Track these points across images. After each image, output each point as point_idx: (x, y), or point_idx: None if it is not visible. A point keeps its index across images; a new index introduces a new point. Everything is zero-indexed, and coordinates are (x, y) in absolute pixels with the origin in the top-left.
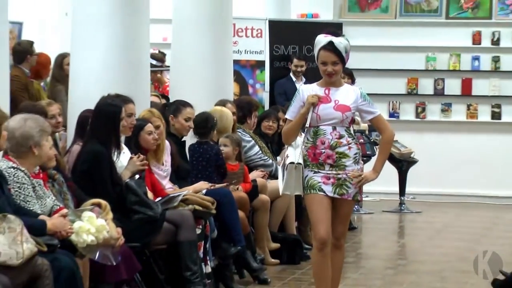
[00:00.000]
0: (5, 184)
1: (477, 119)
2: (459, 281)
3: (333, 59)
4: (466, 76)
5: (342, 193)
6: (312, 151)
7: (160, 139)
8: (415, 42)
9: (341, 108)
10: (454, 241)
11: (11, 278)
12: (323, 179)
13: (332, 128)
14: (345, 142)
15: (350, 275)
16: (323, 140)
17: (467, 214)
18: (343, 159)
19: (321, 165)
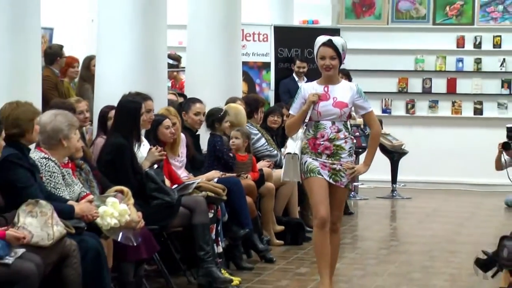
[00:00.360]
0: (37, 173)
1: (461, 114)
2: (447, 260)
3: (331, 54)
4: (451, 76)
5: (337, 180)
6: (313, 141)
7: (176, 134)
8: (405, 46)
9: (339, 104)
10: (441, 224)
11: (43, 258)
12: (321, 166)
13: (331, 123)
14: (342, 136)
15: (347, 254)
16: (322, 133)
17: (453, 200)
18: (339, 151)
19: (319, 154)
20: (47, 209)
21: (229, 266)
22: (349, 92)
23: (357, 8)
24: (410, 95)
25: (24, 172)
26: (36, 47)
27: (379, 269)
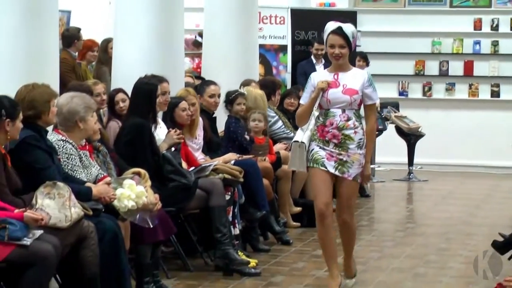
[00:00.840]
0: (55, 155)
1: (478, 97)
2: (463, 242)
3: (340, 43)
4: (468, 58)
5: (343, 172)
6: (321, 128)
7: (195, 115)
8: (422, 28)
9: (349, 91)
10: (457, 206)
11: (60, 239)
12: (327, 156)
13: (341, 110)
14: (352, 126)
15: (364, 237)
16: (332, 121)
17: (469, 182)
18: (347, 141)
19: (326, 142)
20: (65, 191)
21: (245, 248)
22: (360, 79)
23: None
24: (427, 78)
25: (42, 154)
26: (53, 29)
27: (395, 251)
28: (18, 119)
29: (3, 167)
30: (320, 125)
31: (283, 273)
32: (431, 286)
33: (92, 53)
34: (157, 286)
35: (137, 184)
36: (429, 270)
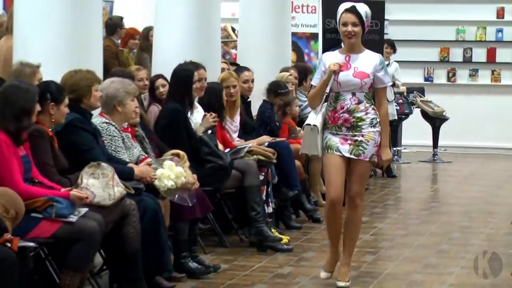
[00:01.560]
0: (99, 137)
1: (500, 82)
2: (484, 220)
3: (354, 20)
4: (491, 46)
5: (359, 154)
6: (332, 114)
7: (235, 97)
8: (447, 17)
9: (359, 75)
10: (479, 186)
11: (104, 216)
12: (341, 141)
13: (351, 94)
14: (363, 108)
15: (390, 215)
16: (342, 105)
17: (490, 164)
18: (359, 123)
19: (339, 128)
20: (108, 171)
21: (278, 226)
22: (372, 62)
23: None
24: (451, 64)
25: (87, 135)
26: (97, 18)
27: (420, 229)
28: (63, 104)
29: (51, 149)
30: (332, 111)
31: (314, 249)
32: (454, 262)
33: (134, 40)
34: (195, 261)
35: (176, 165)
36: (452, 247)
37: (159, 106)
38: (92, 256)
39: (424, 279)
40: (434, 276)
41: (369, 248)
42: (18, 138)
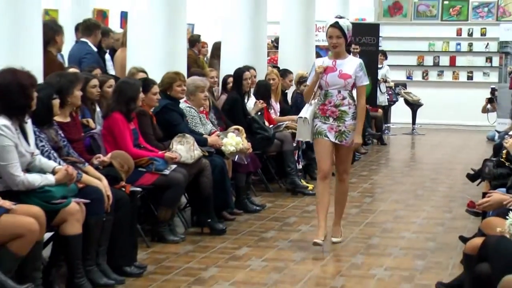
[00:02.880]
0: (184, 116)
1: (459, 80)
2: (447, 174)
3: (337, 34)
4: (452, 54)
5: (342, 140)
6: (322, 107)
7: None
8: (422, 35)
9: (343, 76)
10: (444, 151)
11: (187, 170)
12: (328, 128)
13: (337, 91)
14: (346, 103)
15: (382, 170)
16: (330, 100)
17: (452, 135)
18: (343, 115)
19: (327, 118)
20: (190, 140)
21: (306, 177)
22: (353, 66)
23: (390, 9)
24: (425, 67)
25: (176, 115)
26: (183, 36)
27: (403, 180)
28: (150, 93)
29: (151, 124)
30: (322, 104)
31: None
32: (427, 203)
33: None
34: (249, 201)
35: (236, 135)
36: (425, 192)
37: (226, 95)
38: (179, 197)
39: (405, 214)
40: (412, 212)
41: (367, 193)
42: (128, 116)
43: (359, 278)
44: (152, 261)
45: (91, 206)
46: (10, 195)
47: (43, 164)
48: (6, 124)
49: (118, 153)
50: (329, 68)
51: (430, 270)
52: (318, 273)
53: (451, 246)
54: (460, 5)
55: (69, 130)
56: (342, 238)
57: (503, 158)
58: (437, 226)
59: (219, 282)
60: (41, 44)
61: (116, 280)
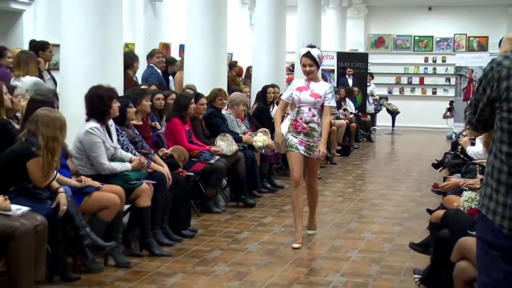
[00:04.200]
0: (225, 121)
1: (426, 94)
2: (417, 163)
3: (309, 62)
4: (421, 76)
5: (310, 154)
6: (294, 123)
7: None
8: (399, 61)
9: (314, 95)
10: (415, 147)
11: (227, 160)
12: (299, 142)
13: (308, 108)
14: (316, 120)
15: (370, 161)
16: (302, 116)
17: (421, 135)
18: (313, 132)
19: (298, 133)
20: (229, 138)
21: None
22: (324, 88)
23: (376, 43)
24: (401, 85)
25: (219, 120)
26: (224, 62)
27: (386, 168)
28: (199, 103)
29: (200, 126)
30: (294, 120)
31: (333, 178)
32: (403, 183)
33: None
34: (271, 184)
35: (263, 135)
36: (401, 176)
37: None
38: (221, 180)
39: (387, 193)
40: (392, 191)
41: (359, 177)
42: (183, 120)
43: (353, 239)
44: (201, 226)
45: (157, 186)
46: (99, 178)
47: (122, 155)
48: (96, 126)
49: (177, 147)
50: (304, 87)
51: (405, 233)
52: (322, 235)
53: (420, 216)
54: (427, 40)
55: (141, 130)
56: (315, 231)
57: (458, 152)
58: (410, 201)
59: (250, 242)
60: (122, 68)
61: (175, 239)
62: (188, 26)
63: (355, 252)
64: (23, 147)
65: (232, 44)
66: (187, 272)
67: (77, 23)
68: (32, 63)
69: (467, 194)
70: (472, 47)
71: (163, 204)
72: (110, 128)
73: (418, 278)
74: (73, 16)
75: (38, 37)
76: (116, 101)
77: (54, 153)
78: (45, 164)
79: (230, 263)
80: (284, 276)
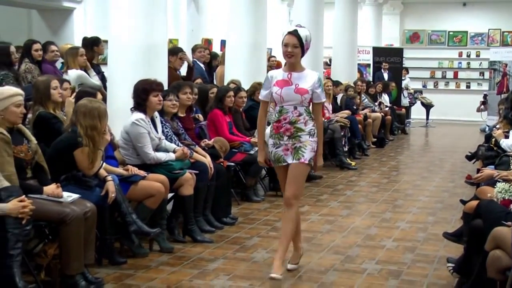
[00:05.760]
0: None
1: (460, 88)
2: (451, 155)
3: (294, 42)
4: (455, 70)
5: (299, 158)
6: (276, 124)
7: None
8: (434, 56)
9: (300, 91)
10: (449, 138)
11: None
12: (284, 151)
13: (293, 107)
14: (302, 120)
15: (405, 152)
16: (285, 117)
17: (455, 128)
18: (299, 133)
19: (281, 136)
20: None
21: (349, 157)
22: (310, 79)
23: (411, 38)
24: (436, 79)
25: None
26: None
27: (420, 159)
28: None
29: (241, 117)
30: (276, 121)
31: (368, 169)
32: (438, 173)
33: None
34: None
35: None
36: (435, 168)
37: None
38: (261, 170)
39: (421, 183)
40: (426, 182)
41: (394, 169)
42: (224, 112)
43: (388, 228)
44: (241, 214)
45: (199, 175)
46: (145, 167)
47: (167, 145)
48: (142, 117)
49: (218, 138)
50: (284, 81)
51: (439, 223)
52: (358, 224)
53: (453, 207)
54: (461, 35)
55: (185, 122)
56: (297, 266)
57: (492, 144)
58: (444, 192)
59: None
60: (166, 63)
61: (216, 227)
62: (229, 22)
63: (390, 241)
64: (69, 137)
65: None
66: (227, 257)
67: (123, 20)
68: (78, 58)
69: (501, 185)
70: (506, 41)
71: (205, 193)
72: (155, 120)
73: (452, 267)
74: (120, 13)
75: (88, 34)
76: (156, 94)
77: (95, 142)
78: (90, 153)
79: (268, 249)
80: (320, 262)
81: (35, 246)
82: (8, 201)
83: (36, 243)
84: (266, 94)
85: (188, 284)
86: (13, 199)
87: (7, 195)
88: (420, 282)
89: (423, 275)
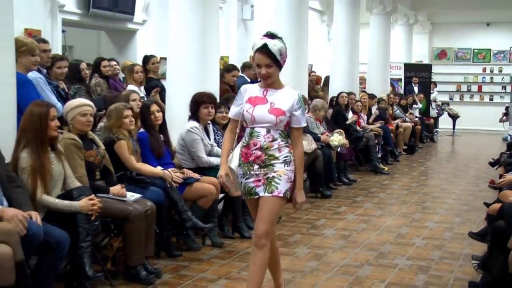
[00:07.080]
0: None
1: (483, 100)
2: (475, 162)
3: (267, 62)
4: (479, 84)
5: (272, 190)
6: (245, 151)
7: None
8: (460, 71)
9: (275, 111)
10: (474, 147)
11: (307, 157)
12: (255, 183)
13: (266, 130)
14: (276, 146)
15: (433, 159)
16: (255, 142)
17: (479, 137)
18: (272, 161)
19: (250, 165)
20: (309, 137)
21: (382, 163)
22: (290, 100)
23: (439, 55)
24: (461, 92)
25: None
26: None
27: (446, 165)
28: None
29: None
30: (245, 147)
31: (399, 173)
32: (463, 178)
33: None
34: (346, 178)
35: (339, 135)
36: (461, 173)
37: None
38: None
39: (448, 187)
40: (452, 186)
41: (422, 173)
42: None
43: (417, 228)
44: (284, 213)
45: None
46: (198, 171)
47: (218, 151)
48: (196, 125)
49: None
50: (258, 98)
51: (464, 223)
52: (390, 224)
53: (478, 208)
54: (485, 52)
55: None
56: None
57: None
58: (469, 195)
59: (326, 228)
60: (218, 77)
61: None
62: None
63: (419, 239)
64: (106, 138)
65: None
66: None
67: (181, 39)
68: (134, 75)
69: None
70: None
71: None
72: (208, 128)
73: (476, 264)
74: (178, 33)
75: (149, 52)
76: (206, 106)
77: (125, 134)
78: (128, 143)
79: (309, 245)
80: (356, 258)
81: (102, 239)
82: (80, 200)
83: (103, 237)
84: (236, 112)
85: (236, 275)
86: (84, 197)
87: (79, 194)
88: (446, 277)
89: (449, 270)
